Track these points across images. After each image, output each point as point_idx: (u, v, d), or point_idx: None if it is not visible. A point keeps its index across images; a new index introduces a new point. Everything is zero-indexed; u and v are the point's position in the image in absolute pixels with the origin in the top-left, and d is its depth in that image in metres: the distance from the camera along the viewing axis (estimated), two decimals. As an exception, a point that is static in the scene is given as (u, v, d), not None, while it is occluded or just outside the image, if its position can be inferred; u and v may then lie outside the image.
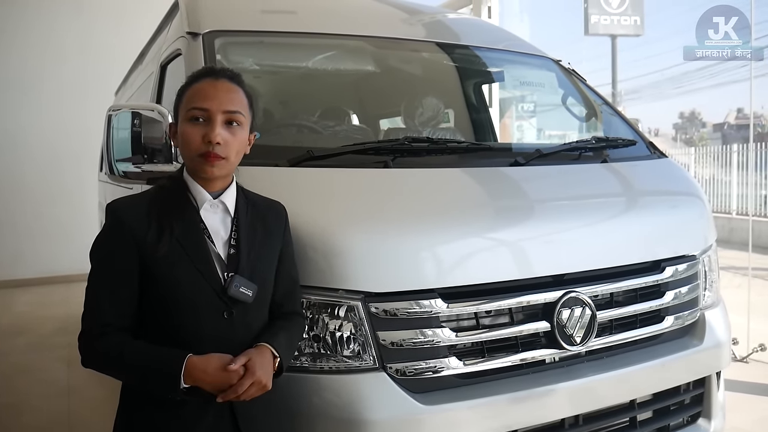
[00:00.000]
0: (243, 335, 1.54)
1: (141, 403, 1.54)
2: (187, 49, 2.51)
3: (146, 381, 1.48)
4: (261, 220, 1.64)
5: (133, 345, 1.49)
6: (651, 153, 2.78)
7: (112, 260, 1.51)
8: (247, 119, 1.60)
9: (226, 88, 1.56)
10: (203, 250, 1.53)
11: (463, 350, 1.90)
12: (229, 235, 1.58)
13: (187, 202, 1.56)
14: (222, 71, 1.60)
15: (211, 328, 1.51)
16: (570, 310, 2.01)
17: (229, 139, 1.53)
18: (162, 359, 1.45)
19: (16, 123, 8.16)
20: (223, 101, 1.53)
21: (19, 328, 6.15)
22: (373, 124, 3.57)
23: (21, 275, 8.18)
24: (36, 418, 3.88)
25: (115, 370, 1.52)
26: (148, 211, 1.52)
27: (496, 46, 3.28)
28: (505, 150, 2.93)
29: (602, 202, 2.36)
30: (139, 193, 1.63)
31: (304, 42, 2.79)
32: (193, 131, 1.52)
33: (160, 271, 1.49)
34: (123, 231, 1.50)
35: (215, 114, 1.52)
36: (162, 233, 1.49)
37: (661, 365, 2.21)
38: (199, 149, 1.51)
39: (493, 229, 2.04)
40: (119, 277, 1.50)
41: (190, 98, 1.55)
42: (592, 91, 3.16)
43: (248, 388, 1.44)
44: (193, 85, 1.57)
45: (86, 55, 8.23)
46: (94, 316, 1.50)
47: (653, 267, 2.26)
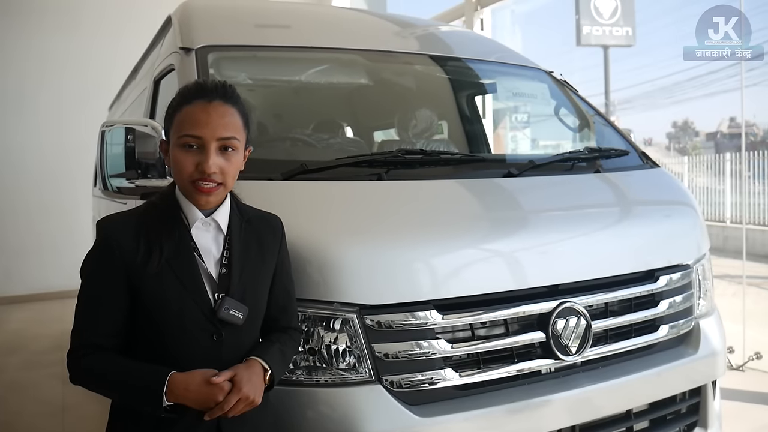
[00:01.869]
0: (233, 356, 1.50)
1: (128, 423, 1.52)
2: (180, 64, 2.52)
3: (130, 398, 1.46)
4: (255, 236, 1.60)
5: (117, 362, 1.46)
6: (644, 163, 2.79)
7: (99, 279, 1.48)
8: (242, 141, 1.54)
9: (220, 113, 1.48)
10: (193, 270, 1.49)
11: (458, 362, 1.90)
12: (221, 254, 1.54)
13: (177, 221, 1.51)
14: (214, 90, 1.51)
15: (200, 350, 1.48)
16: (565, 320, 2.01)
17: (224, 166, 1.48)
18: (144, 376, 1.42)
19: (11, 139, 8.16)
20: (216, 128, 1.46)
21: (12, 346, 6.10)
22: (366, 136, 3.58)
23: (14, 292, 8.13)
24: (30, 436, 3.85)
25: (100, 387, 1.50)
26: (137, 230, 1.49)
27: (488, 58, 3.31)
28: (499, 161, 2.94)
29: (596, 212, 2.37)
30: (129, 211, 1.59)
31: (297, 56, 2.80)
32: (185, 159, 1.46)
33: (148, 291, 1.46)
34: (111, 250, 1.47)
35: (209, 142, 1.46)
36: (151, 253, 1.46)
37: (657, 375, 2.21)
38: (191, 177, 1.46)
39: (487, 240, 2.04)
40: (107, 297, 1.47)
41: (181, 123, 1.48)
42: (585, 102, 3.18)
43: (235, 405, 1.41)
44: (184, 107, 1.49)
45: (82, 71, 8.25)
46: (81, 335, 1.48)
47: (647, 276, 2.27)
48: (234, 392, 1.42)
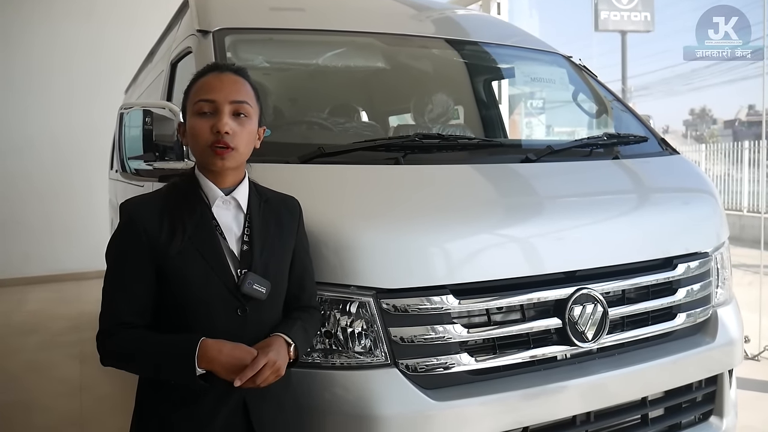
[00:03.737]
0: (256, 332, 1.53)
1: (156, 403, 1.55)
2: (197, 46, 2.52)
3: (162, 369, 1.48)
4: (274, 216, 1.64)
5: (147, 337, 1.49)
6: (663, 150, 2.76)
7: (125, 260, 1.52)
8: (255, 111, 1.59)
9: (232, 80, 1.56)
10: (215, 247, 1.52)
11: (474, 347, 1.90)
12: (242, 232, 1.57)
13: (199, 200, 1.55)
14: (226, 65, 1.62)
15: (224, 326, 1.50)
16: (582, 306, 2.00)
17: (237, 130, 1.52)
18: (176, 344, 1.45)
19: (27, 124, 8.23)
20: (229, 92, 1.53)
21: (30, 326, 6.20)
22: (382, 120, 3.57)
23: (32, 273, 8.25)
24: (47, 417, 3.91)
25: (132, 364, 1.52)
26: (160, 210, 1.52)
27: (506, 42, 3.27)
28: (517, 146, 2.92)
29: (614, 198, 2.35)
30: (151, 192, 1.63)
31: (313, 39, 2.79)
32: (201, 124, 1.52)
33: (173, 269, 1.49)
34: (136, 230, 1.50)
35: (222, 104, 1.52)
36: (174, 231, 1.49)
37: (673, 363, 2.19)
38: (207, 140, 1.51)
39: (504, 225, 2.03)
40: (133, 276, 1.50)
41: (196, 92, 1.56)
42: (603, 88, 3.15)
43: (263, 370, 1.42)
44: (198, 80, 1.58)
45: (95, 57, 8.29)
46: (110, 316, 1.51)
47: (665, 264, 2.25)
48: (261, 355, 1.44)
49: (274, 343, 1.50)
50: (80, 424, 3.77)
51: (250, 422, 1.53)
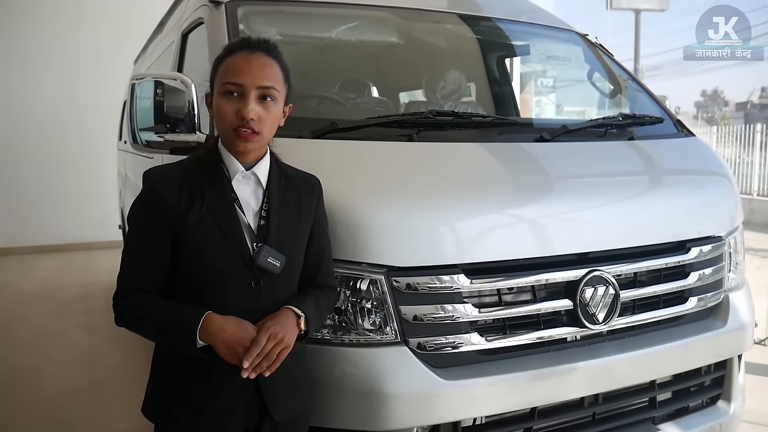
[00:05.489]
0: (269, 306, 1.54)
1: (169, 370, 1.58)
2: (209, 17, 2.48)
3: (166, 335, 1.52)
4: (294, 194, 1.63)
5: (158, 302, 1.52)
6: (678, 131, 2.72)
7: (144, 227, 1.55)
8: (282, 93, 1.58)
9: (261, 63, 1.54)
10: (233, 219, 1.53)
11: (484, 326, 1.90)
12: (260, 207, 1.58)
13: (219, 173, 1.56)
14: (257, 43, 1.57)
15: (237, 298, 1.51)
16: (593, 288, 1.99)
17: (262, 115, 1.52)
18: (182, 313, 1.48)
19: (41, 92, 8.23)
20: (257, 76, 1.51)
21: (40, 295, 6.25)
22: (393, 96, 3.53)
23: (43, 241, 8.31)
24: (57, 383, 3.96)
25: (141, 326, 1.55)
26: (181, 180, 1.54)
27: (520, 18, 3.22)
28: (531, 125, 2.88)
29: (628, 180, 2.32)
30: (174, 162, 1.63)
31: (326, 12, 2.75)
32: (226, 106, 1.51)
33: (189, 239, 1.51)
34: (155, 199, 1.53)
35: (249, 89, 1.51)
36: (193, 202, 1.51)
37: (683, 346, 2.19)
38: (232, 124, 1.51)
39: (517, 205, 2.01)
40: (150, 244, 1.53)
41: (224, 72, 1.54)
42: (620, 67, 3.10)
43: (266, 345, 1.43)
44: (228, 58, 1.55)
45: (97, 24, 8.23)
46: (127, 278, 1.54)
47: (678, 247, 2.23)
48: (262, 331, 1.45)
49: (279, 315, 1.51)
50: (89, 391, 3.82)
51: (263, 398, 1.55)
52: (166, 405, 1.59)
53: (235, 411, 1.54)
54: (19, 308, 5.79)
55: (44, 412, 3.55)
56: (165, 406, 1.59)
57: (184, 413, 1.55)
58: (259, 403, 1.56)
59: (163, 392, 1.60)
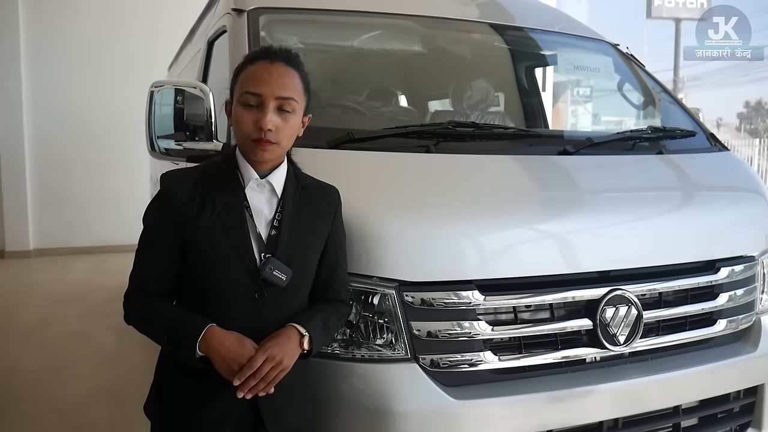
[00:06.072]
0: (273, 318, 1.53)
1: (171, 373, 1.60)
2: (232, 25, 2.49)
3: (168, 341, 1.54)
4: (310, 205, 1.62)
5: (165, 307, 1.55)
6: (711, 145, 2.63)
7: (156, 228, 1.57)
8: (301, 104, 1.57)
9: (281, 73, 1.52)
10: (242, 228, 1.52)
11: (499, 345, 1.84)
12: (272, 216, 1.56)
13: (233, 180, 1.56)
14: (278, 53, 1.56)
15: (240, 308, 1.51)
16: (614, 308, 1.92)
17: (280, 125, 1.51)
18: (186, 322, 1.49)
19: (78, 96, 8.39)
20: (276, 87, 1.50)
21: (71, 296, 6.36)
22: (421, 106, 3.49)
23: (77, 243, 8.46)
24: (82, 384, 4.00)
25: (147, 328, 1.57)
26: (194, 185, 1.54)
27: (551, 28, 3.15)
28: (554, 137, 2.82)
29: (655, 195, 2.24)
30: (191, 167, 1.64)
31: (350, 20, 2.72)
32: (245, 115, 1.50)
33: (198, 244, 1.51)
34: (168, 202, 1.54)
35: (268, 100, 1.50)
36: (204, 208, 1.51)
37: (711, 371, 2.09)
38: (250, 134, 1.50)
39: (536, 220, 1.95)
40: (161, 245, 1.55)
41: (244, 81, 1.53)
42: (651, 78, 3.01)
43: (262, 367, 1.43)
44: (248, 67, 1.55)
45: (143, 29, 8.37)
46: (137, 278, 1.57)
47: (707, 267, 2.14)
48: (259, 352, 1.44)
49: (281, 336, 1.50)
50: (112, 393, 3.85)
51: (258, 408, 1.53)
52: (165, 406, 1.60)
53: (230, 419, 1.53)
54: (51, 309, 5.90)
55: (68, 413, 3.58)
56: (164, 407, 1.60)
57: (182, 416, 1.55)
58: (254, 414, 1.54)
59: (164, 393, 1.61)
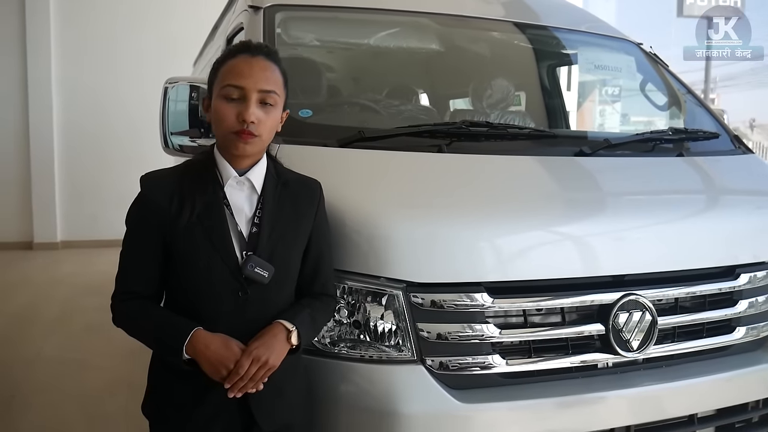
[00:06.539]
0: (258, 315, 1.53)
1: (162, 373, 1.61)
2: (248, 22, 2.50)
3: (155, 344, 1.55)
4: (291, 200, 1.61)
5: (151, 310, 1.55)
6: (735, 148, 2.56)
7: (137, 231, 1.57)
8: (282, 98, 1.57)
9: (262, 66, 1.53)
10: (222, 227, 1.52)
11: (507, 348, 1.81)
12: (253, 213, 1.56)
13: (213, 179, 1.55)
14: (258, 47, 1.57)
15: (225, 307, 1.51)
16: (628, 313, 1.87)
17: (263, 118, 1.51)
18: (172, 326, 1.49)
19: (102, 93, 8.53)
20: (258, 80, 1.51)
21: (95, 288, 6.44)
22: (441, 104, 3.47)
23: (101, 236, 8.58)
24: (100, 376, 4.06)
25: (135, 331, 1.58)
26: (174, 185, 1.54)
27: (573, 27, 3.10)
28: (571, 138, 2.76)
29: (674, 198, 2.19)
30: (170, 167, 1.64)
31: (367, 18, 2.71)
32: (227, 109, 1.50)
33: (179, 246, 1.51)
34: (147, 205, 1.54)
35: (250, 92, 1.50)
36: (183, 208, 1.50)
37: (728, 379, 2.03)
38: (232, 127, 1.50)
39: (548, 222, 1.91)
40: (143, 248, 1.55)
41: (225, 75, 1.53)
42: (674, 78, 2.94)
43: (249, 368, 1.43)
44: (228, 60, 1.55)
45: (168, 24, 8.46)
46: (122, 281, 1.57)
47: (727, 272, 2.08)
48: (244, 356, 1.44)
49: (266, 335, 1.49)
50: (129, 385, 3.88)
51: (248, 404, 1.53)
52: (158, 405, 1.61)
53: (220, 417, 1.53)
54: (75, 301, 6.00)
55: (85, 404, 3.64)
56: (158, 406, 1.61)
57: (174, 415, 1.56)
58: (245, 411, 1.54)
59: (157, 393, 1.62)
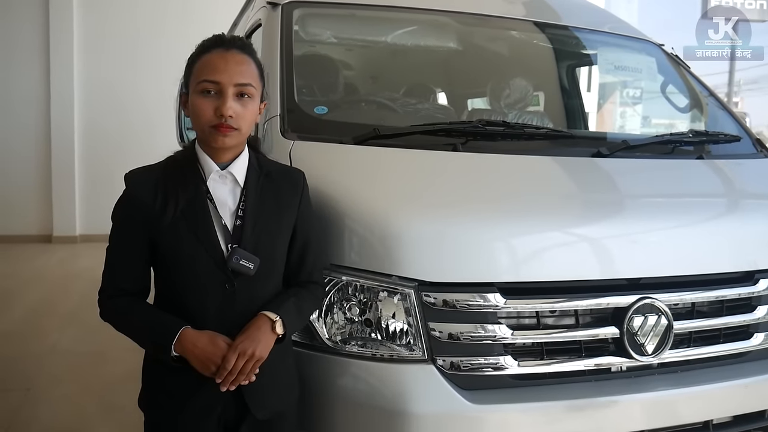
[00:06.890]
0: (246, 307, 1.54)
1: (154, 367, 1.62)
2: (266, 19, 2.50)
3: (143, 342, 1.56)
4: (273, 191, 1.62)
5: (139, 307, 1.57)
6: (757, 151, 2.51)
7: (122, 228, 1.58)
8: (258, 90, 1.59)
9: (237, 60, 1.54)
10: (206, 221, 1.53)
11: (519, 349, 1.79)
12: (236, 206, 1.57)
13: (195, 174, 1.56)
14: (232, 41, 1.57)
15: (213, 300, 1.52)
16: (643, 317, 1.84)
17: (240, 112, 1.52)
18: (161, 324, 1.51)
19: (116, 90, 8.63)
20: (234, 74, 1.51)
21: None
22: (458, 103, 3.45)
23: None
24: (116, 368, 4.09)
25: (123, 328, 1.58)
26: (157, 182, 1.55)
27: (594, 27, 3.07)
28: (589, 139, 2.73)
29: (693, 201, 2.15)
30: (153, 164, 1.65)
31: (385, 15, 2.70)
32: (204, 104, 1.51)
33: (164, 241, 1.52)
34: (131, 202, 1.55)
35: (226, 87, 1.51)
36: (167, 205, 1.52)
37: (746, 386, 1.99)
38: (210, 121, 1.51)
39: (564, 223, 1.89)
40: (128, 245, 1.56)
41: (200, 70, 1.53)
42: (696, 80, 2.90)
43: (237, 362, 1.45)
44: (203, 56, 1.55)
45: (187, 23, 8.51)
46: (109, 277, 1.59)
47: (745, 278, 2.04)
48: (230, 352, 1.46)
49: (251, 328, 1.51)
50: (144, 380, 3.93)
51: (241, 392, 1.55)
52: (153, 399, 1.62)
53: (214, 407, 1.55)
54: (92, 294, 5.99)
55: (101, 395, 3.68)
56: (152, 399, 1.63)
57: (168, 407, 1.58)
58: (238, 401, 1.56)
59: (151, 387, 1.63)
